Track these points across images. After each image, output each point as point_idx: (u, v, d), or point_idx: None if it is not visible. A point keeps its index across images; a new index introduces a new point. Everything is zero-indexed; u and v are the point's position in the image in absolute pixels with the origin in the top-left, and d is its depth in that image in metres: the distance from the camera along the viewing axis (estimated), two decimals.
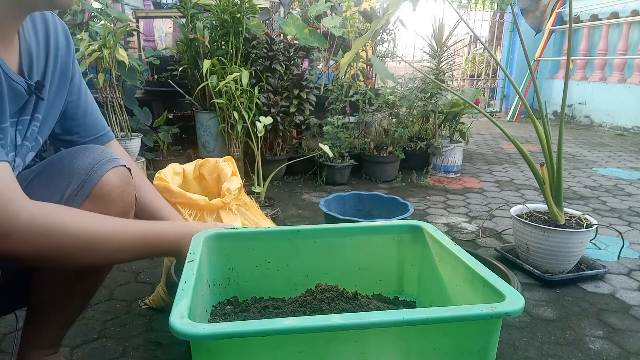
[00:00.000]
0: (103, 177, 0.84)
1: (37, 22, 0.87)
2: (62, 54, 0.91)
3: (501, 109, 7.41)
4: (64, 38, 0.92)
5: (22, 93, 0.81)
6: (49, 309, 0.96)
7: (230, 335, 0.58)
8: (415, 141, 3.44)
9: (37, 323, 0.97)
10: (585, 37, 6.43)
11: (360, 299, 0.85)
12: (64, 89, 0.93)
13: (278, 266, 0.96)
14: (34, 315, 0.97)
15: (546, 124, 1.69)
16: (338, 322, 0.61)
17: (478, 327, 0.67)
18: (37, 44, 0.85)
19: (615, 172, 3.64)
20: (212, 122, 3.02)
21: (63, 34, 0.92)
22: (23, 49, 0.82)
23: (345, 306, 0.82)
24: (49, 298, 0.94)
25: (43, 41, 0.87)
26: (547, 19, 1.72)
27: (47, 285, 0.93)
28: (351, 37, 3.63)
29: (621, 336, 1.39)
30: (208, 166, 1.60)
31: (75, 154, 0.87)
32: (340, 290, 0.86)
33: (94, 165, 0.84)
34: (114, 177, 0.86)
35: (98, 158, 0.86)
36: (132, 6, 4.12)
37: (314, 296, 0.85)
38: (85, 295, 1.00)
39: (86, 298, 1.01)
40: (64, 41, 0.92)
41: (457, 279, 0.83)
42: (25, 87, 0.81)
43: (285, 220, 2.37)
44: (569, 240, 1.67)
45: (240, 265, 0.95)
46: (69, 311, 0.99)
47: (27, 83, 0.81)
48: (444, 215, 2.53)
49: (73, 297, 0.96)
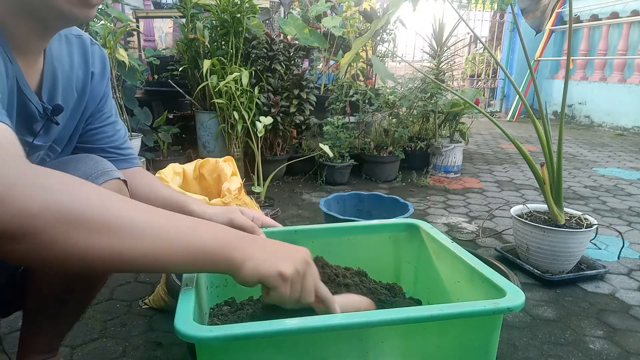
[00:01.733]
0: None
1: (73, 48, 0.85)
2: (96, 81, 0.90)
3: (501, 109, 7.41)
4: (100, 64, 0.91)
5: (35, 115, 0.77)
6: (43, 318, 0.93)
7: (237, 337, 0.58)
8: (415, 141, 3.44)
9: (32, 329, 0.95)
10: (586, 37, 6.43)
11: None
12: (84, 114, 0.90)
13: None
14: (29, 322, 0.95)
15: (546, 124, 1.69)
16: (341, 322, 0.61)
17: (480, 324, 0.67)
18: (70, 65, 0.83)
19: (615, 172, 3.64)
20: (212, 122, 3.02)
21: (100, 60, 0.91)
22: (46, 72, 0.79)
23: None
24: (42, 307, 0.92)
25: (81, 64, 0.86)
26: (547, 19, 1.72)
27: (38, 296, 0.90)
28: (351, 37, 3.63)
29: (621, 336, 1.39)
30: (208, 166, 1.61)
31: (66, 166, 0.80)
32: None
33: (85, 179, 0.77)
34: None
35: (89, 171, 0.79)
36: (132, 6, 4.12)
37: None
38: (80, 304, 0.97)
39: (81, 307, 0.98)
40: (100, 67, 0.91)
41: (456, 276, 0.83)
42: (41, 109, 0.77)
43: (285, 220, 2.37)
44: (569, 240, 1.67)
45: None
46: (63, 319, 0.96)
47: (43, 106, 0.78)
48: (444, 215, 2.53)
49: (67, 306, 0.93)
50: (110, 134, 0.95)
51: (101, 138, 0.94)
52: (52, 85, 0.81)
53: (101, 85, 0.92)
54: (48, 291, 0.89)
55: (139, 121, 3.18)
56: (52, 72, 0.80)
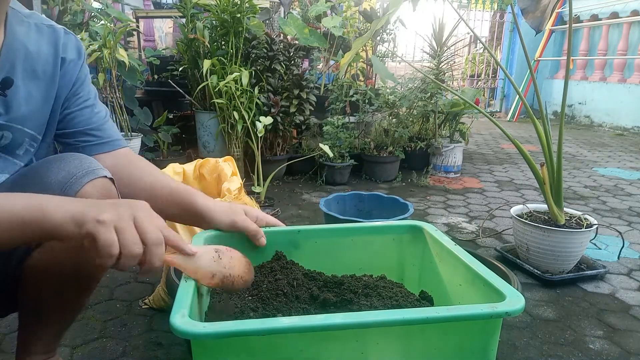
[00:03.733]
0: (80, 192, 0.76)
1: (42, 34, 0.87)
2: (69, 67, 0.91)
3: (501, 109, 7.41)
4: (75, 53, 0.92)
5: None
6: (39, 319, 0.93)
7: (231, 334, 0.58)
8: (415, 141, 3.44)
9: (27, 331, 0.94)
10: (585, 37, 6.43)
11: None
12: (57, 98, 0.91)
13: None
14: (24, 323, 0.94)
15: (546, 124, 1.69)
16: (338, 322, 0.61)
17: (478, 327, 0.67)
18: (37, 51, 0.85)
19: (615, 172, 3.64)
20: (212, 122, 3.02)
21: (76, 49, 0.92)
22: (4, 49, 0.81)
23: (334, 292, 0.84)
24: (35, 308, 0.91)
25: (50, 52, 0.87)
26: (547, 19, 1.72)
27: (32, 295, 0.89)
28: (351, 37, 3.63)
29: (621, 336, 1.39)
30: (208, 166, 1.61)
31: (50, 166, 0.79)
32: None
33: (70, 179, 0.77)
34: (92, 191, 0.77)
35: (74, 171, 0.78)
36: (132, 6, 4.13)
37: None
38: (73, 306, 0.96)
39: (76, 308, 0.97)
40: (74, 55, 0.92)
41: (458, 279, 0.83)
42: None
43: (285, 220, 2.36)
44: (569, 240, 1.67)
45: None
46: (57, 321, 0.95)
47: None
48: (444, 215, 2.53)
49: (60, 307, 0.93)
50: (87, 117, 0.94)
51: (79, 121, 0.93)
52: (10, 63, 0.81)
53: (74, 71, 0.92)
54: (39, 293, 0.88)
55: (139, 121, 3.18)
56: (11, 50, 0.81)
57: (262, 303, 0.81)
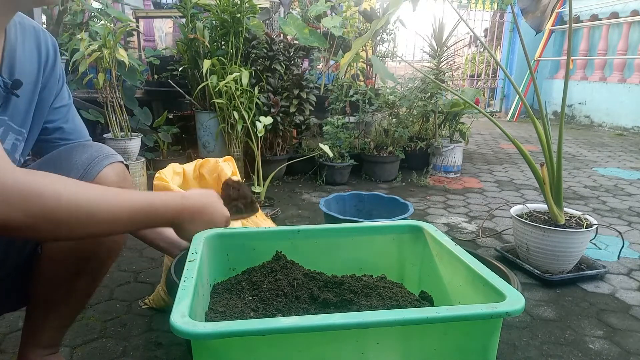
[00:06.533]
0: (101, 173, 0.86)
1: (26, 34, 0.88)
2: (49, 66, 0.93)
3: (501, 109, 7.41)
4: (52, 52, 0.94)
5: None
6: (48, 308, 0.96)
7: (231, 334, 0.58)
8: (415, 141, 3.44)
9: (36, 322, 0.97)
10: (585, 37, 6.43)
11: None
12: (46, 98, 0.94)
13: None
14: (33, 314, 0.97)
15: (546, 124, 1.69)
16: (338, 322, 0.61)
17: (478, 327, 0.67)
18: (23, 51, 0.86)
19: (615, 172, 3.64)
20: (212, 122, 3.02)
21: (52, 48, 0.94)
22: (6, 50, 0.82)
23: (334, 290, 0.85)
24: (47, 296, 0.94)
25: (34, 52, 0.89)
26: (547, 19, 1.72)
27: (45, 283, 0.93)
28: (351, 37, 3.63)
29: (621, 336, 1.39)
30: (208, 166, 1.60)
31: (73, 150, 0.89)
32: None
33: (92, 161, 0.86)
34: (111, 173, 0.87)
35: (95, 154, 0.87)
36: (132, 6, 4.13)
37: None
38: (83, 294, 0.99)
39: (85, 297, 1.01)
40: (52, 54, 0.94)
41: (458, 279, 0.83)
42: (2, 84, 0.81)
43: (285, 220, 2.37)
44: (569, 240, 1.67)
45: (241, 265, 0.95)
46: (67, 310, 0.99)
47: (3, 81, 0.81)
48: (444, 215, 2.53)
49: (71, 296, 0.96)
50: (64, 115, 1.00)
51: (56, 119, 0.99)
52: (11, 64, 0.84)
53: (55, 70, 0.95)
54: (55, 275, 0.92)
55: (139, 121, 3.18)
56: (11, 51, 0.83)
57: (263, 303, 0.81)
